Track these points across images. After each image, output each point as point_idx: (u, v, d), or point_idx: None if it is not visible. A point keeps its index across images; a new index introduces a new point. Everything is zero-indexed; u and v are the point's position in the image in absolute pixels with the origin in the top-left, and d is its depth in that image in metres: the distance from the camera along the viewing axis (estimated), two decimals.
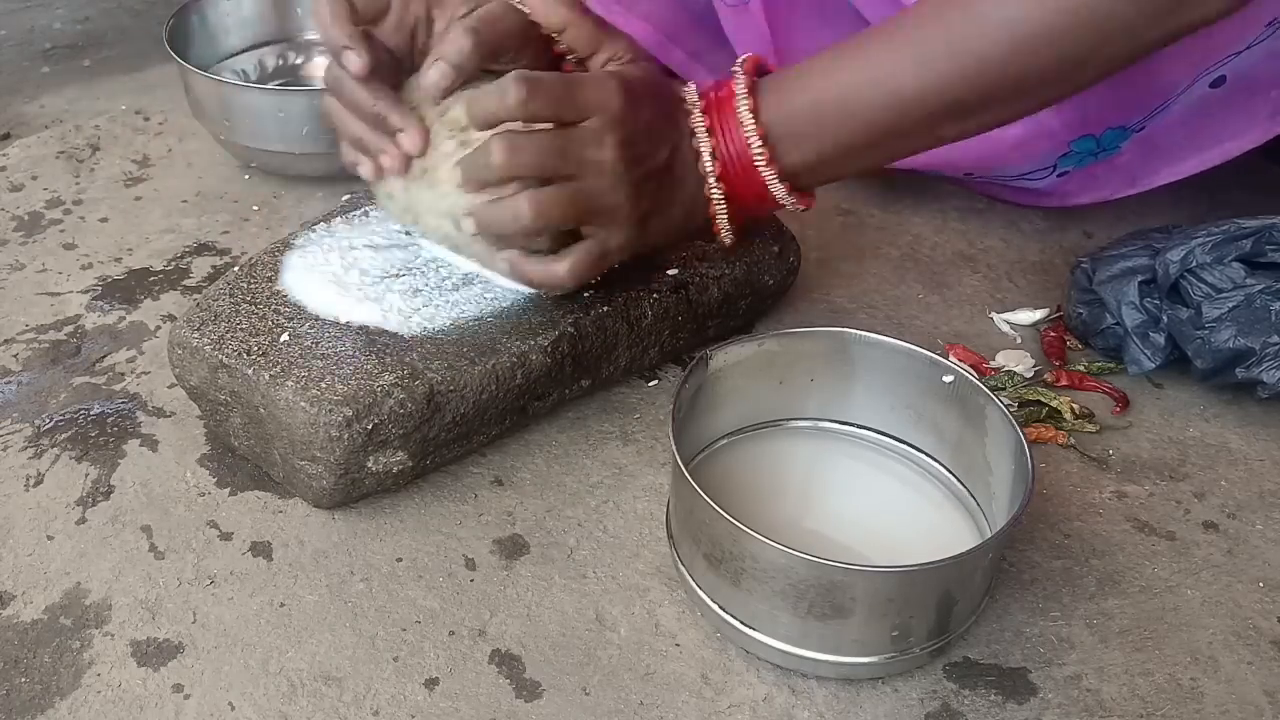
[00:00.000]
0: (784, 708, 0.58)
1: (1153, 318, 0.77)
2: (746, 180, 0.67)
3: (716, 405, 0.67)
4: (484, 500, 0.69)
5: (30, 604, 0.62)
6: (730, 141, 0.67)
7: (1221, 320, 0.74)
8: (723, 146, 0.67)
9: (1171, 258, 0.76)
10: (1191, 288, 0.76)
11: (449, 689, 0.58)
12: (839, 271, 0.89)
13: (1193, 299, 0.75)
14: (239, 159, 1.00)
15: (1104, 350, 0.80)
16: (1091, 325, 0.80)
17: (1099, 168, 0.88)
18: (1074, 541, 0.67)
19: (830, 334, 0.68)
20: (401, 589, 0.63)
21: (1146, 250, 0.79)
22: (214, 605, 0.62)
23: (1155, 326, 0.77)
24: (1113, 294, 0.78)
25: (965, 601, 0.58)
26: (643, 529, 0.67)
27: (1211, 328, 0.74)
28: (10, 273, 0.87)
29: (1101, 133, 0.84)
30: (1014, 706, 0.58)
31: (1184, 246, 0.76)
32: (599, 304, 0.72)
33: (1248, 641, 0.62)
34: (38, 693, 0.57)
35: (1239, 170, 0.87)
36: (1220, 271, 0.75)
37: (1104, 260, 0.81)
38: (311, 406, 0.63)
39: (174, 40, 0.97)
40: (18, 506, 0.68)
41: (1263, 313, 0.73)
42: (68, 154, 1.03)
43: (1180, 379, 0.78)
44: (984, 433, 0.63)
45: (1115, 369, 0.79)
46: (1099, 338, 0.80)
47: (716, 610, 0.59)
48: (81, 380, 0.77)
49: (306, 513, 0.67)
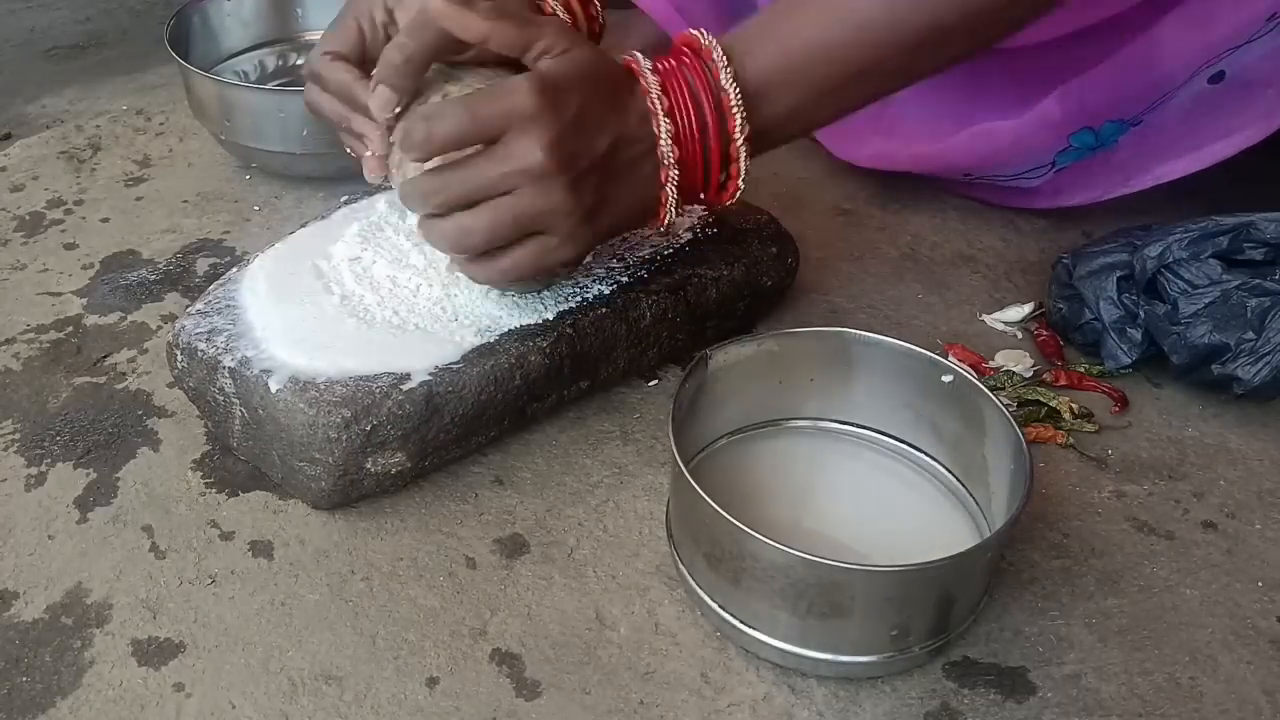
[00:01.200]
0: (784, 707, 0.58)
1: (1130, 313, 0.78)
2: (702, 150, 0.64)
3: (716, 405, 0.67)
4: (484, 500, 0.69)
5: (31, 603, 0.62)
6: (690, 109, 0.63)
7: (1197, 316, 0.74)
8: (681, 115, 0.64)
9: (1149, 253, 0.77)
10: (1168, 283, 0.76)
11: (449, 688, 0.58)
12: (839, 271, 0.89)
13: (1169, 295, 0.76)
14: (239, 159, 1.00)
15: (1083, 345, 0.81)
16: (1071, 320, 0.80)
17: (1094, 163, 0.88)
18: (1073, 541, 0.67)
19: (830, 334, 0.68)
20: (402, 588, 0.63)
21: (1127, 246, 0.80)
22: (215, 604, 0.62)
23: (1133, 322, 0.77)
24: (1091, 289, 0.79)
25: (964, 601, 0.59)
26: (643, 528, 0.67)
27: (1187, 323, 0.74)
28: (11, 272, 0.87)
29: (1100, 126, 0.84)
30: (1013, 706, 0.58)
31: (1161, 242, 0.76)
32: (598, 305, 0.72)
33: (1247, 641, 0.62)
34: (39, 692, 0.58)
35: (1237, 177, 0.87)
36: (1197, 268, 0.75)
37: (1084, 256, 0.81)
38: (310, 408, 0.63)
39: (174, 40, 0.97)
40: (19, 506, 0.68)
41: (1238, 309, 0.73)
42: (68, 154, 1.03)
43: (1180, 378, 0.78)
44: (983, 432, 0.63)
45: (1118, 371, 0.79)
46: (1078, 333, 0.80)
47: (716, 609, 0.59)
48: (82, 380, 0.77)
49: (307, 512, 0.68)
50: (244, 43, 1.08)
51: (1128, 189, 0.89)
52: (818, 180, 0.98)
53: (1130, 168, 0.88)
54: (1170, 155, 0.86)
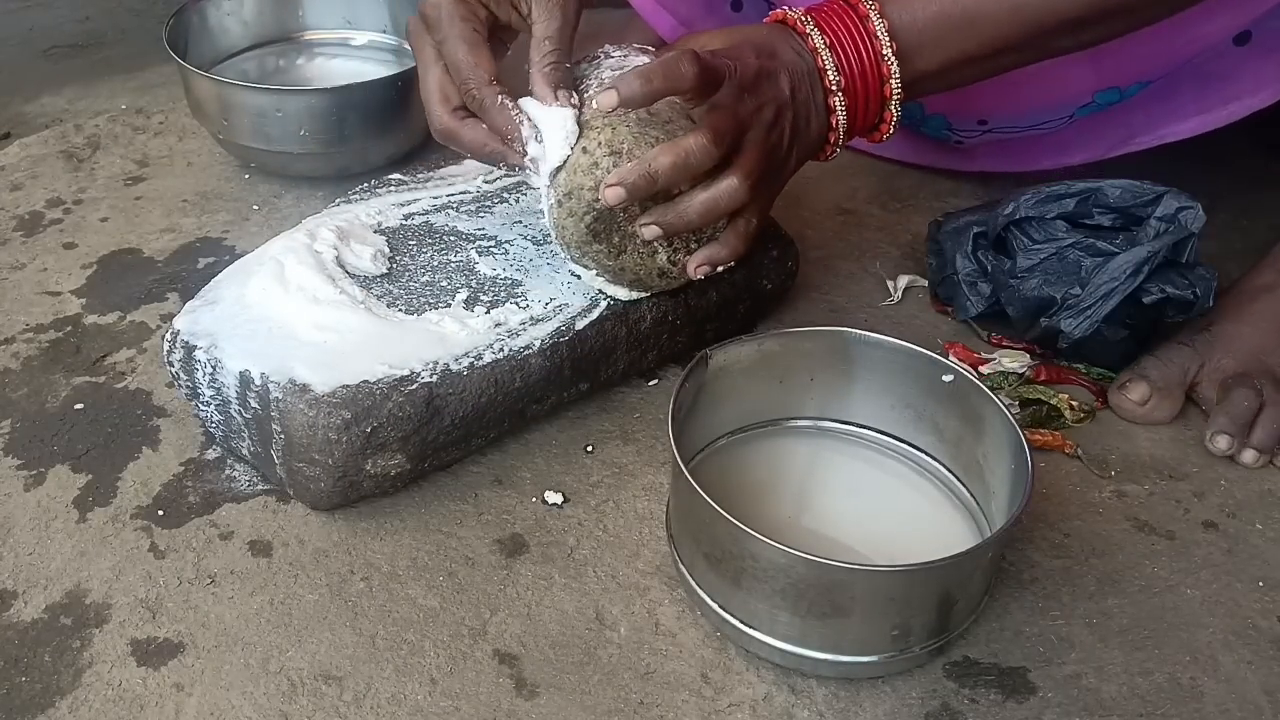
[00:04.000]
0: (784, 707, 0.58)
1: (982, 268, 0.81)
2: (865, 80, 0.69)
3: (716, 405, 0.67)
4: (484, 500, 0.69)
5: (30, 603, 0.62)
6: (854, 54, 0.68)
7: (1032, 270, 0.77)
8: (846, 59, 0.68)
9: (1001, 211, 0.80)
10: (1014, 240, 0.79)
11: (449, 688, 0.58)
12: (839, 271, 0.89)
13: (1014, 251, 0.79)
14: (238, 158, 1.00)
15: (945, 299, 0.84)
16: (935, 275, 0.84)
17: (1102, 116, 0.88)
18: (1074, 541, 0.67)
19: (830, 333, 0.68)
20: (401, 588, 0.63)
21: (989, 207, 0.83)
22: (214, 604, 0.62)
23: (984, 276, 0.81)
24: (951, 245, 0.83)
25: (965, 601, 0.59)
26: (643, 529, 0.67)
27: (1023, 277, 0.77)
28: (10, 272, 0.87)
29: (1128, 85, 0.84)
30: (1014, 706, 0.58)
31: (1014, 202, 0.79)
32: (597, 307, 0.72)
33: (1247, 641, 0.62)
34: (38, 692, 0.57)
35: (1236, 178, 0.87)
36: (1042, 226, 0.78)
37: (954, 215, 0.85)
38: (309, 409, 0.63)
39: (174, 40, 0.97)
40: (18, 506, 0.68)
41: (1073, 266, 0.76)
42: (68, 153, 1.03)
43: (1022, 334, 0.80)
44: (983, 432, 0.63)
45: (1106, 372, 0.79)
46: (941, 286, 0.84)
47: (716, 609, 0.59)
48: (81, 379, 0.77)
49: (306, 512, 0.67)
50: (244, 42, 1.08)
51: (1131, 147, 0.88)
52: (818, 180, 0.98)
53: (1135, 124, 0.88)
54: (1179, 115, 0.85)
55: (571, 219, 0.67)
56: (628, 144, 0.65)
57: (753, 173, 0.66)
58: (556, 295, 0.72)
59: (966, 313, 0.81)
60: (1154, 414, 0.75)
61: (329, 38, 1.11)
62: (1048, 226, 0.78)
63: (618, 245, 0.68)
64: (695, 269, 0.69)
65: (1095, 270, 0.74)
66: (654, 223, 0.66)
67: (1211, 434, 0.73)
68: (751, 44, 0.68)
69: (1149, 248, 0.73)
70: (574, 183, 0.65)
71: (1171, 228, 0.75)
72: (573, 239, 0.68)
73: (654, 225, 0.66)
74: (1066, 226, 0.78)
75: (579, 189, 0.65)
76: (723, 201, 0.66)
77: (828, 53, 0.68)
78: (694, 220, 0.66)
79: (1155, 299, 0.74)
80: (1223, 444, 0.72)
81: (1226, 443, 0.72)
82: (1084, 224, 0.78)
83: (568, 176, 0.66)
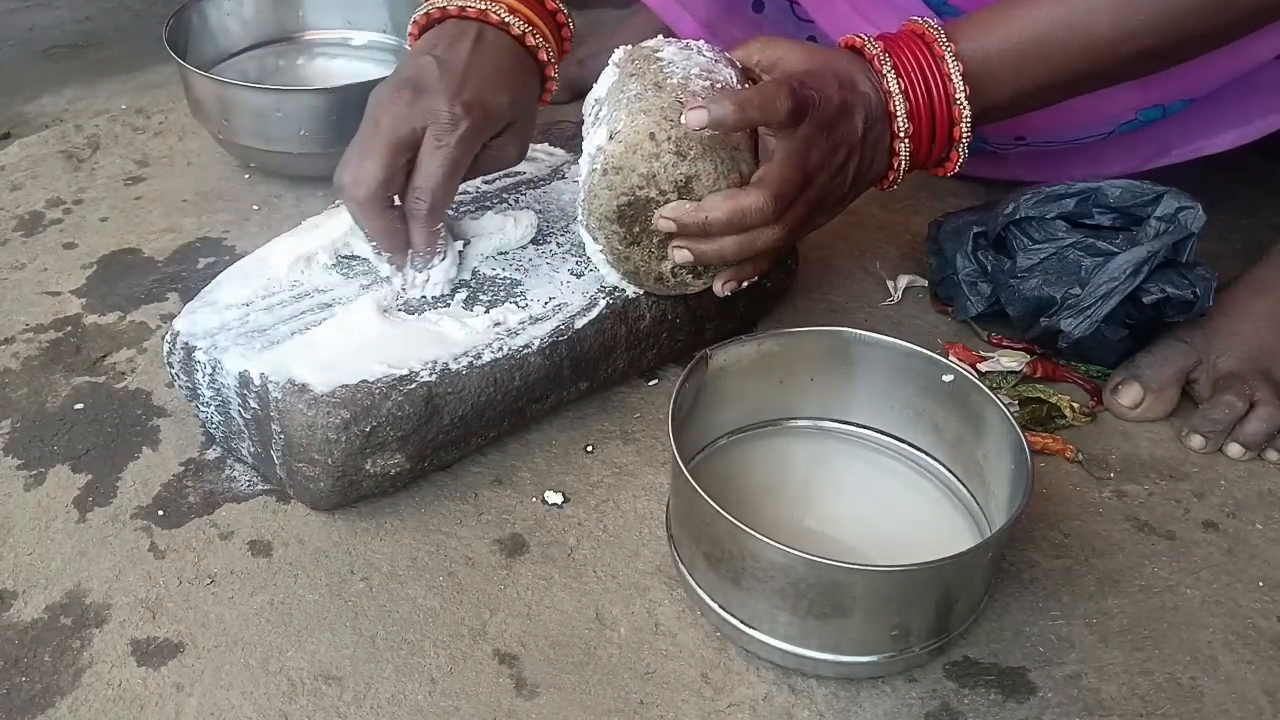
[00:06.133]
0: (784, 707, 0.58)
1: (983, 268, 0.81)
2: (933, 123, 0.68)
3: (716, 405, 0.67)
4: (484, 500, 0.69)
5: (30, 603, 0.62)
6: (925, 97, 0.67)
7: (1032, 270, 0.77)
8: (917, 104, 0.67)
9: (1000, 211, 0.80)
10: (1014, 240, 0.79)
11: (449, 688, 0.58)
12: (838, 271, 0.89)
13: (1014, 251, 0.79)
14: (238, 158, 1.00)
15: (945, 299, 0.84)
16: (935, 275, 0.84)
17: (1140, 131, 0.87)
18: (1074, 541, 0.67)
19: (830, 334, 0.68)
20: (401, 588, 0.63)
21: (989, 207, 0.83)
22: (214, 604, 0.62)
23: (984, 276, 0.81)
24: (951, 245, 0.83)
25: (965, 601, 0.59)
26: (643, 528, 0.67)
27: (1023, 277, 0.77)
28: (10, 272, 0.87)
29: (1171, 103, 0.84)
30: (1014, 706, 0.58)
31: (1014, 201, 0.79)
32: (596, 306, 0.72)
33: (1247, 641, 0.62)
34: (38, 692, 0.57)
35: (1236, 178, 0.86)
36: (1042, 226, 0.78)
37: (954, 216, 0.85)
38: (309, 409, 0.63)
39: (174, 40, 0.97)
40: (18, 506, 0.68)
41: (1072, 266, 0.76)
42: (68, 153, 1.03)
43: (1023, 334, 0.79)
44: (983, 432, 0.63)
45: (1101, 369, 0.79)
46: (941, 286, 0.84)
47: (716, 609, 0.59)
48: (81, 379, 0.77)
49: (306, 512, 0.67)
50: (243, 42, 1.08)
51: (1166, 160, 0.88)
52: None
53: (1172, 138, 0.87)
54: (1216, 129, 0.85)
55: (608, 192, 0.66)
56: (694, 153, 0.64)
57: (795, 222, 0.66)
58: (555, 294, 0.72)
59: (966, 313, 0.81)
60: (1149, 413, 0.75)
61: (329, 38, 1.11)
62: (1048, 226, 0.78)
63: (635, 236, 0.67)
64: (723, 287, 0.69)
65: (1095, 270, 0.74)
66: (688, 248, 0.66)
67: (1187, 431, 0.74)
68: (834, 73, 0.66)
69: (1149, 247, 0.73)
70: (628, 162, 0.65)
71: (1171, 227, 0.75)
72: (598, 209, 0.67)
73: (687, 251, 0.66)
74: (1066, 226, 0.78)
75: (630, 169, 0.65)
76: (759, 244, 0.65)
77: (900, 99, 0.67)
78: (728, 258, 0.66)
79: (1155, 299, 0.74)
80: (1196, 443, 0.73)
81: (1200, 442, 0.73)
82: (1084, 224, 0.78)
83: (624, 152, 0.65)
